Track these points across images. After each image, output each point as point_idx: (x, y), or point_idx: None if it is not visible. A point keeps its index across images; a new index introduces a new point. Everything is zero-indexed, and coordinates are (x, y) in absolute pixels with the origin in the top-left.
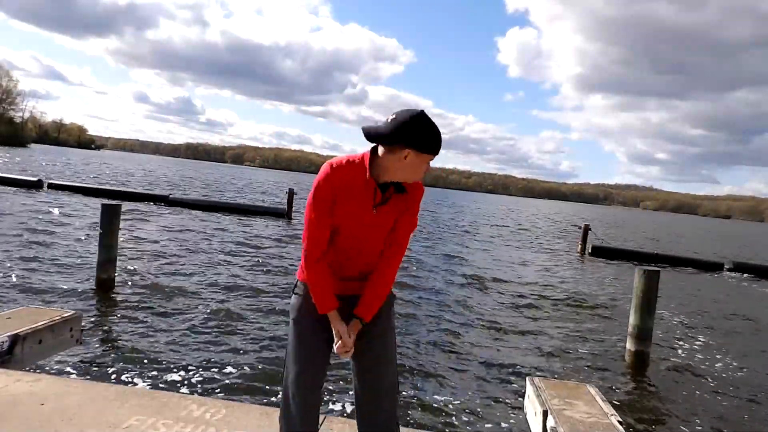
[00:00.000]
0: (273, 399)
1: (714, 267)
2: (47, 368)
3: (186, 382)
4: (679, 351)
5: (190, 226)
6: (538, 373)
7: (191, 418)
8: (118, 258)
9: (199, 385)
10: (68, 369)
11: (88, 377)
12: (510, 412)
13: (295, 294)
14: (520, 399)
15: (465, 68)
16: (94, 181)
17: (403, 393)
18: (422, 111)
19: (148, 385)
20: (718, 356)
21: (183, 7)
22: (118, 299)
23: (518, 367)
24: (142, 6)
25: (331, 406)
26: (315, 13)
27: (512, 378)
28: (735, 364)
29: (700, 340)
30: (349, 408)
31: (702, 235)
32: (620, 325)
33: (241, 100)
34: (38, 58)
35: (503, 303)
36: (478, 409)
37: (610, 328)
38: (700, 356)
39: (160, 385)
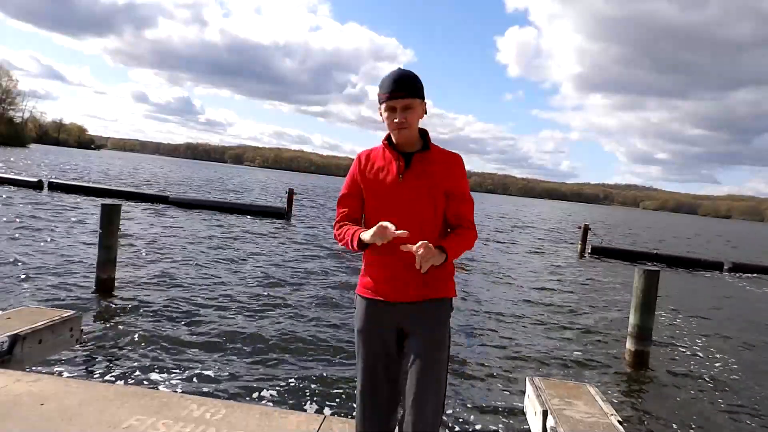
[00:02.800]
0: (273, 399)
1: (714, 267)
2: (47, 368)
3: (186, 382)
4: (679, 351)
5: (190, 226)
6: (538, 373)
7: (191, 418)
8: (118, 258)
9: (199, 385)
10: (68, 369)
11: (88, 377)
12: (510, 412)
13: (355, 307)
14: (520, 399)
15: (465, 68)
16: (95, 180)
17: None
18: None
19: (148, 385)
20: (717, 356)
21: (182, 6)
22: (117, 299)
23: (518, 367)
24: (141, 5)
25: (330, 407)
26: (314, 12)
27: (512, 378)
28: (734, 363)
29: (699, 340)
30: (348, 408)
31: (702, 235)
32: (620, 325)
33: (241, 100)
34: (37, 57)
35: (502, 303)
36: (478, 409)
37: (610, 328)
38: (699, 356)
39: (160, 385)
